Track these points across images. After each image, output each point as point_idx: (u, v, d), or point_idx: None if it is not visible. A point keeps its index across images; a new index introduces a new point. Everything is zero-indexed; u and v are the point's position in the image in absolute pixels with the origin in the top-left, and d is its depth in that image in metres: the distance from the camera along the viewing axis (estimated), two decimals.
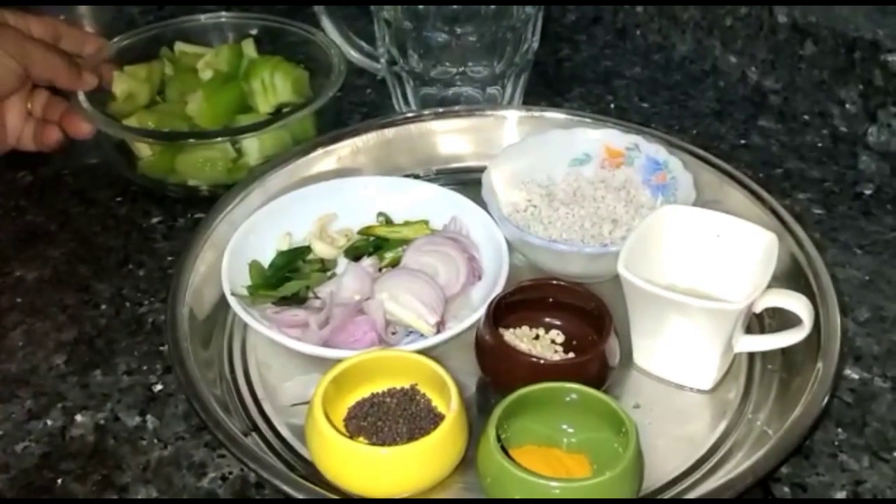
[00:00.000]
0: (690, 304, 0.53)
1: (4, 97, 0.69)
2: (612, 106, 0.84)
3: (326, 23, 0.79)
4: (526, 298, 0.59)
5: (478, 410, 0.57)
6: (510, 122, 0.74)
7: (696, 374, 0.57)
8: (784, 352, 0.58)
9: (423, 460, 0.50)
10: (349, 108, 0.83)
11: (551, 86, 0.87)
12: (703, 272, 0.59)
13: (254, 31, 0.81)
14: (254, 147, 0.71)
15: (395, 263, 0.64)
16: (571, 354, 0.58)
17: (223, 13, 0.83)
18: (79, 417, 0.56)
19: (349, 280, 0.60)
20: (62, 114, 0.71)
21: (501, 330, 0.57)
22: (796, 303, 0.54)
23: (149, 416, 0.57)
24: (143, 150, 0.72)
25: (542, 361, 0.55)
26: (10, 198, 0.74)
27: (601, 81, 0.88)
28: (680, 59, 0.89)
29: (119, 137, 0.73)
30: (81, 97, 0.71)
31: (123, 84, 0.76)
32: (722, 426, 0.56)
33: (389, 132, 0.73)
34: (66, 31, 0.74)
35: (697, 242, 0.59)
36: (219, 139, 0.71)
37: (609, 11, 0.93)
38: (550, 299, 0.60)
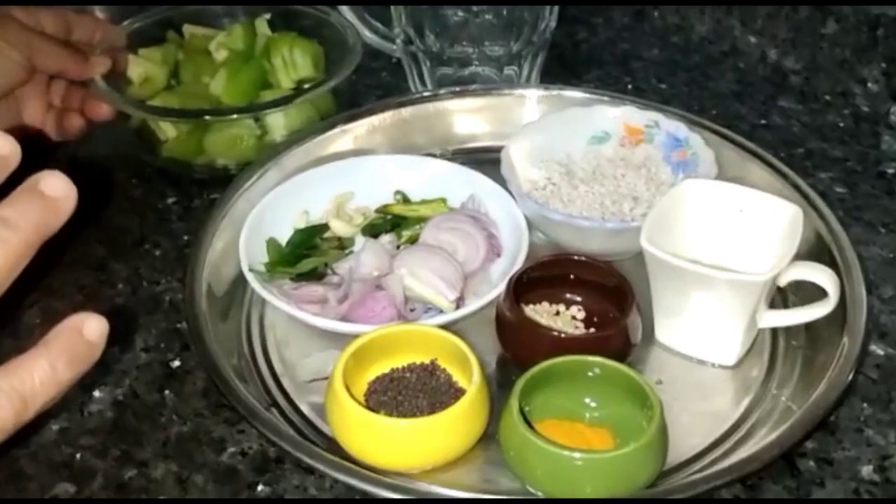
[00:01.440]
0: (715, 277, 0.53)
1: (11, 90, 0.69)
2: (630, 87, 0.83)
3: (343, 4, 0.79)
4: (546, 275, 0.59)
5: (498, 386, 0.56)
6: (528, 102, 0.73)
7: (720, 349, 0.57)
8: (808, 327, 0.57)
9: (445, 433, 0.50)
10: (364, 90, 0.82)
11: (568, 67, 0.86)
12: (727, 247, 0.58)
13: (266, 14, 0.80)
14: (279, 123, 0.71)
15: (413, 241, 0.64)
16: (593, 331, 0.57)
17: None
18: (97, 393, 0.56)
19: (368, 256, 0.60)
20: (82, 99, 0.71)
21: (522, 306, 0.57)
22: (821, 275, 0.54)
23: (167, 393, 0.56)
24: (168, 131, 0.72)
25: (563, 336, 0.54)
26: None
27: (619, 63, 0.87)
28: (699, 40, 0.88)
29: (139, 121, 0.72)
30: (99, 82, 0.71)
31: (139, 68, 0.75)
32: (746, 402, 0.55)
33: (406, 111, 0.73)
34: (77, 19, 0.74)
35: (720, 217, 0.58)
36: (246, 115, 0.71)
37: None
38: (571, 275, 0.59)
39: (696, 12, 0.87)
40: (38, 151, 0.73)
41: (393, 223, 0.65)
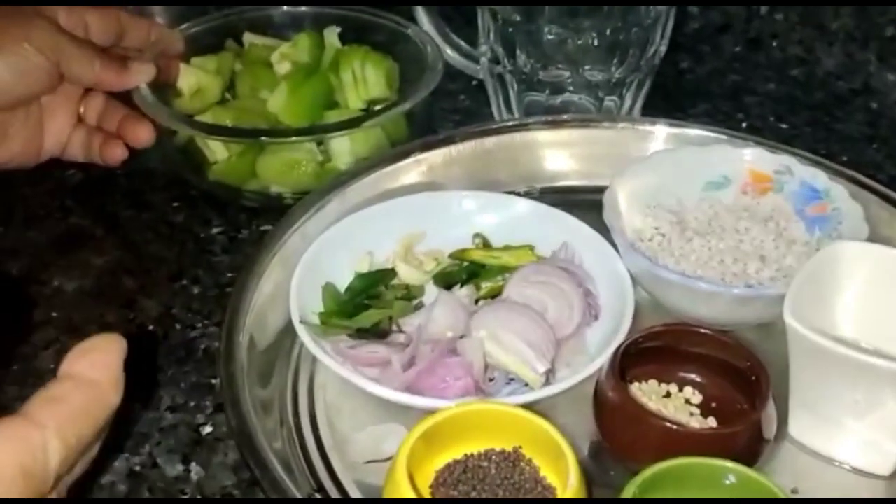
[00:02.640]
0: (880, 368, 0.42)
1: (33, 98, 0.61)
2: (745, 125, 0.73)
3: (422, 16, 0.70)
4: (656, 346, 0.48)
5: (592, 481, 0.46)
6: (633, 136, 0.64)
7: (874, 455, 0.46)
8: None
9: None
10: (441, 115, 0.73)
11: (671, 100, 0.76)
12: (886, 325, 0.47)
13: (335, 26, 0.71)
14: (344, 148, 0.62)
15: (494, 295, 0.54)
16: (711, 420, 0.47)
17: (303, 7, 0.74)
18: (110, 462, 0.47)
19: (441, 312, 0.50)
20: (121, 120, 0.63)
21: (626, 383, 0.47)
22: None
23: (193, 464, 0.47)
24: (218, 152, 0.64)
25: (680, 429, 0.44)
26: (56, 197, 0.65)
27: (729, 97, 0.77)
28: (824, 75, 0.77)
29: (187, 138, 0.64)
30: (145, 92, 0.63)
31: (192, 78, 0.67)
32: None
33: (489, 141, 0.64)
34: (132, 23, 0.66)
35: (882, 289, 0.47)
36: (308, 137, 0.62)
37: (740, 20, 0.82)
38: (687, 350, 0.48)
39: (824, 44, 0.77)
40: (74, 163, 0.66)
41: (470, 272, 0.55)
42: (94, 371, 0.33)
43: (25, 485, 0.30)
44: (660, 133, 0.63)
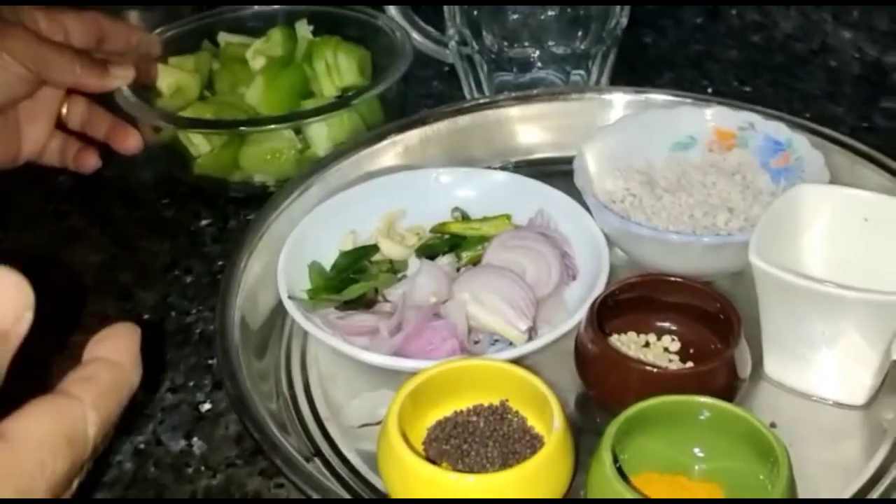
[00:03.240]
0: (846, 297, 0.44)
1: (10, 105, 0.62)
2: (710, 90, 0.75)
3: (390, 6, 0.72)
4: (632, 298, 0.50)
5: (579, 432, 0.47)
6: (599, 106, 0.66)
7: (847, 386, 0.48)
8: None
9: (522, 489, 0.41)
10: (415, 100, 0.75)
11: (636, 72, 0.78)
12: (849, 263, 0.49)
13: (306, 21, 0.73)
14: (322, 134, 0.64)
15: (474, 263, 0.56)
16: (690, 364, 0.49)
17: (275, 5, 0.76)
18: (116, 442, 0.49)
19: (424, 280, 0.52)
20: (108, 128, 0.65)
21: (605, 335, 0.49)
22: None
23: (195, 439, 0.49)
24: (201, 145, 0.65)
25: (659, 371, 0.46)
26: (50, 201, 0.67)
27: (692, 65, 0.79)
28: (783, 38, 0.79)
29: (170, 135, 0.66)
30: (127, 93, 0.65)
31: (170, 77, 0.69)
32: (883, 450, 0.46)
33: (462, 120, 0.66)
34: (111, 27, 0.68)
35: (842, 228, 0.49)
36: (286, 125, 0.64)
37: None
38: (662, 299, 0.51)
39: (781, 8, 0.79)
40: (64, 169, 0.68)
41: (451, 243, 0.57)
42: (116, 354, 0.36)
43: (71, 451, 0.32)
44: (626, 100, 0.65)
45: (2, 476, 0.29)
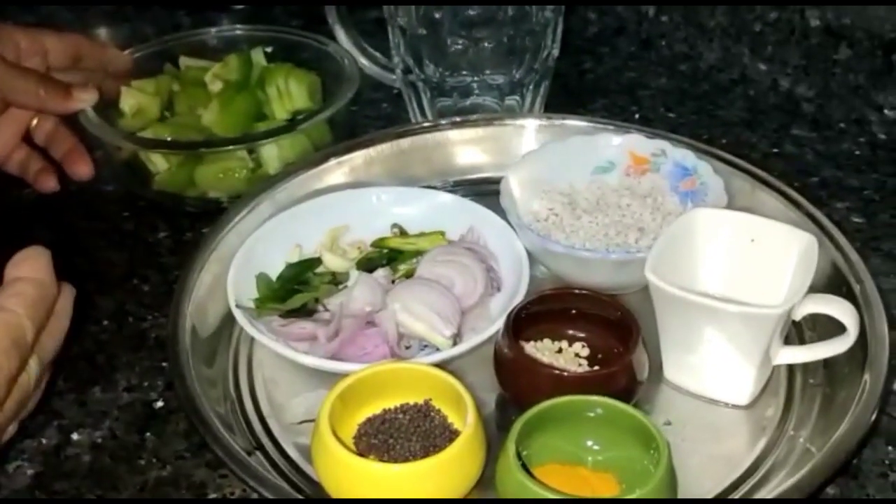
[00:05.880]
0: (725, 310, 0.49)
1: None
2: (637, 116, 0.81)
3: (340, 33, 0.77)
4: (547, 309, 0.56)
5: (497, 428, 0.53)
6: (529, 131, 0.71)
7: (732, 388, 0.53)
8: (827, 364, 0.54)
9: (438, 478, 0.46)
10: (364, 122, 0.80)
11: (573, 97, 0.84)
12: (737, 279, 0.55)
13: (265, 46, 0.78)
14: (273, 155, 0.69)
15: (409, 275, 0.61)
16: (596, 368, 0.54)
17: (237, 26, 0.81)
18: (75, 436, 0.53)
19: (360, 291, 0.57)
20: (66, 151, 0.69)
21: (521, 343, 0.54)
22: (840, 308, 0.50)
23: (148, 434, 0.54)
24: (160, 163, 0.70)
25: (565, 374, 0.51)
26: (15, 215, 0.71)
27: (625, 92, 0.85)
28: (707, 69, 0.86)
29: (130, 153, 0.71)
30: (90, 112, 0.69)
31: (132, 99, 0.74)
32: (761, 444, 0.52)
33: (405, 142, 0.71)
34: (89, 47, 0.72)
35: (731, 247, 0.55)
36: (239, 146, 0.69)
37: (633, 22, 0.90)
38: (573, 310, 0.56)
39: (705, 41, 0.85)
40: (24, 184, 0.72)
41: (389, 257, 0.63)
42: (34, 272, 0.44)
43: (17, 353, 0.41)
44: (553, 126, 0.70)
45: None
